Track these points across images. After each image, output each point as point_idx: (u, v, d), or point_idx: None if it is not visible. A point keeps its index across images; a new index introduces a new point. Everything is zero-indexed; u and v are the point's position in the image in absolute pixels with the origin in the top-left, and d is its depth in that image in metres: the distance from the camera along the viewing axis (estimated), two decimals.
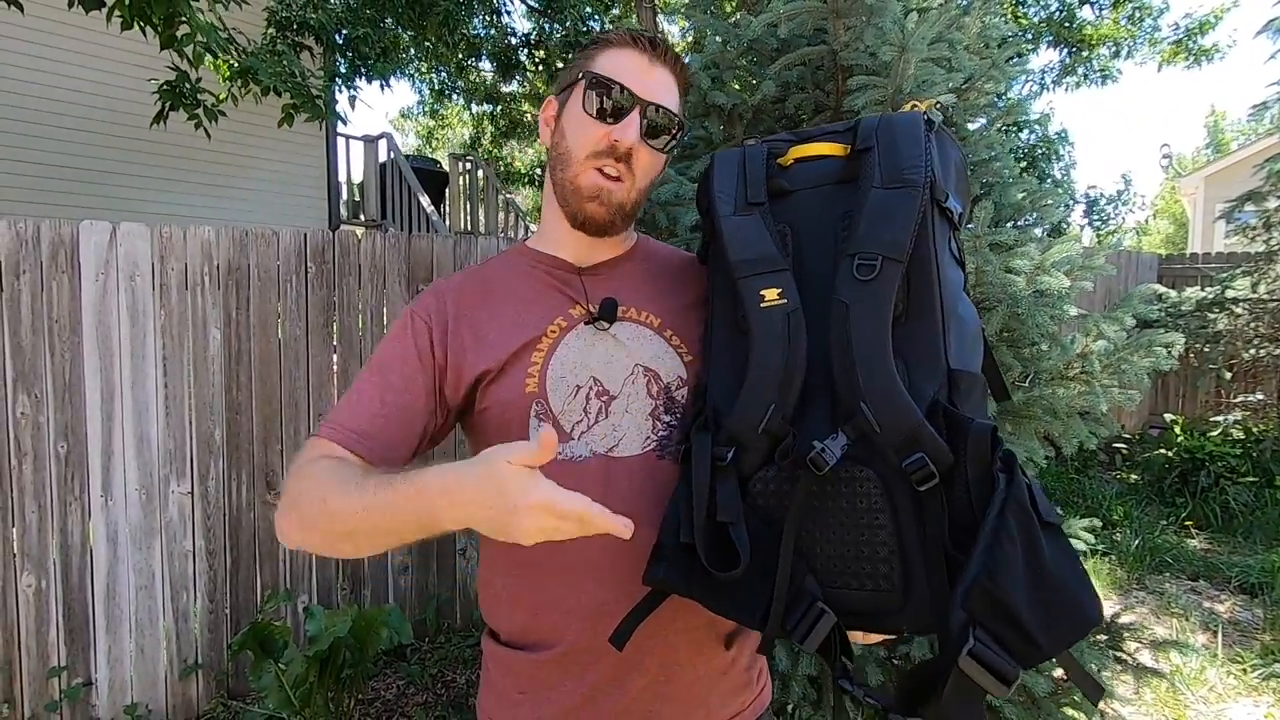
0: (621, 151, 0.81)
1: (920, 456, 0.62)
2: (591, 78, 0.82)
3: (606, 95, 0.81)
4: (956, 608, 0.57)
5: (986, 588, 0.56)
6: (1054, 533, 0.59)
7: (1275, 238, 4.94)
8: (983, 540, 0.58)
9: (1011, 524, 0.58)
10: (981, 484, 0.61)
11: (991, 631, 0.56)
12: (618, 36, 0.84)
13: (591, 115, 0.82)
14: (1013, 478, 0.60)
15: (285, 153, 6.69)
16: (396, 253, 2.78)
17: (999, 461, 0.61)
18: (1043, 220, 1.82)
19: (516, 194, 12.36)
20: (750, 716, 0.89)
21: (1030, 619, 0.55)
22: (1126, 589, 3.45)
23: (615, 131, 0.81)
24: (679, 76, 0.87)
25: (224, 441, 2.47)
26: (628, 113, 0.81)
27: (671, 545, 0.71)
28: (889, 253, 0.66)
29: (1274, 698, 2.55)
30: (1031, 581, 0.56)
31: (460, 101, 11.13)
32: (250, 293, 2.50)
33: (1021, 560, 0.57)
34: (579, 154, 0.83)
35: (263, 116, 5.23)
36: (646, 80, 0.82)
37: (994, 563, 0.57)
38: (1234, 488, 4.31)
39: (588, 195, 0.83)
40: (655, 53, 0.84)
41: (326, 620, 2.05)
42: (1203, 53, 8.48)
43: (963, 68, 1.71)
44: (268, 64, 4.01)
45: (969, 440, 0.62)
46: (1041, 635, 0.56)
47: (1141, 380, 1.65)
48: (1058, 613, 0.56)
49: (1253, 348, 4.94)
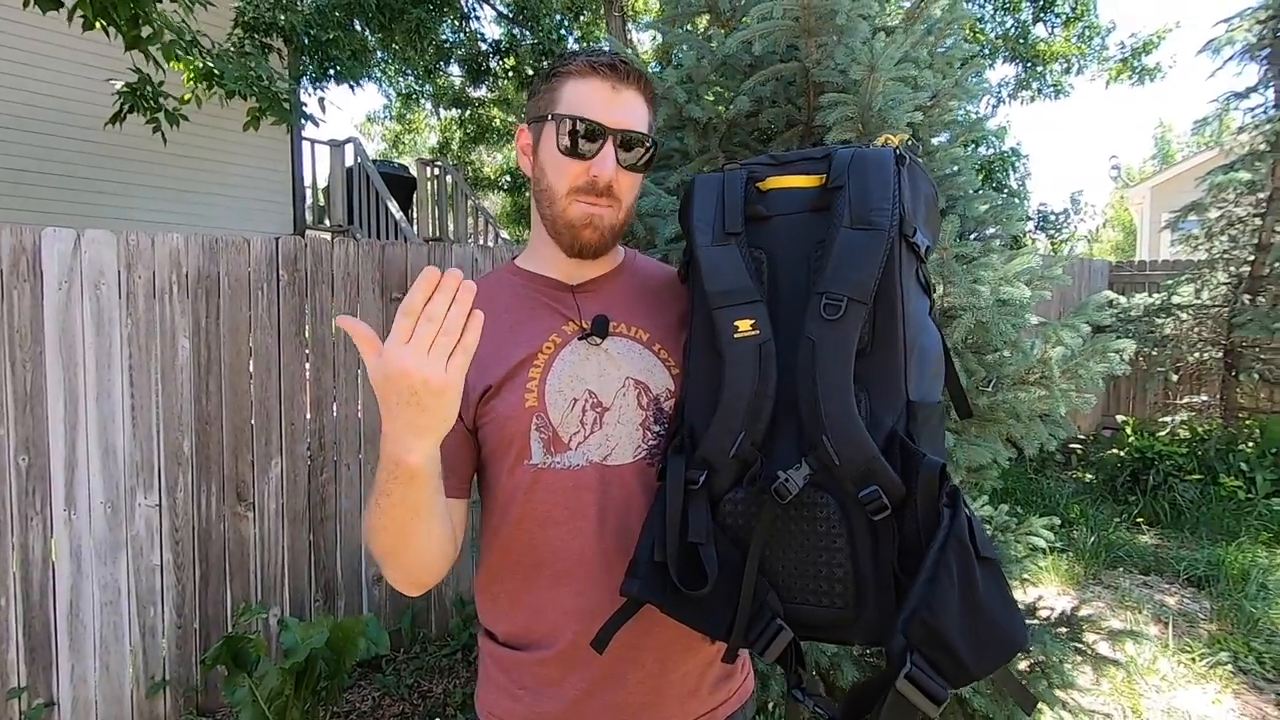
0: (602, 186, 0.83)
1: (875, 489, 0.68)
2: (560, 117, 0.83)
3: (578, 131, 0.82)
4: (897, 633, 0.64)
5: (924, 618, 0.63)
6: (989, 566, 0.66)
7: (1216, 246, 5.20)
8: (925, 572, 0.64)
9: (951, 559, 0.64)
10: (928, 516, 0.67)
11: (927, 657, 0.63)
12: (578, 66, 0.84)
13: (566, 155, 0.83)
14: (956, 513, 0.66)
15: (250, 157, 6.57)
16: (370, 260, 2.77)
17: (945, 496, 0.67)
18: (1004, 232, 1.90)
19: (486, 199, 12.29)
20: (736, 703, 0.94)
21: (962, 647, 0.62)
22: (1084, 584, 3.59)
23: (593, 167, 0.83)
24: (645, 91, 0.87)
25: (193, 452, 2.42)
26: (602, 146, 0.82)
27: (646, 560, 0.76)
28: (854, 294, 0.71)
29: (1220, 685, 2.69)
30: (965, 612, 0.63)
31: (428, 106, 11.04)
32: (220, 301, 2.46)
33: (957, 593, 0.63)
34: (561, 190, 0.85)
35: (228, 120, 5.14)
36: (613, 108, 0.83)
37: (932, 595, 0.63)
38: (1181, 485, 4.52)
39: (581, 225, 0.85)
40: (618, 76, 0.84)
41: (302, 632, 2.03)
42: (1146, 71, 8.88)
43: (928, 85, 1.78)
44: (234, 66, 3.95)
45: (920, 475, 0.67)
46: (971, 661, 0.63)
47: (1097, 384, 1.73)
48: (986, 641, 0.63)
49: (1196, 351, 5.18)
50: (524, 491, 0.84)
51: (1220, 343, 5.05)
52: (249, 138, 5.27)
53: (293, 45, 5.54)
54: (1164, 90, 28.71)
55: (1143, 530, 4.31)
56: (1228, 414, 5.10)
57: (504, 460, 0.86)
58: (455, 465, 0.88)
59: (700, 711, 0.89)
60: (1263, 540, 3.94)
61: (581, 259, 0.89)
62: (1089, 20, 8.62)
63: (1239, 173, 4.95)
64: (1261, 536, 3.98)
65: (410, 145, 15.62)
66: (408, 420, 0.62)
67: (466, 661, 2.82)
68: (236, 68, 3.93)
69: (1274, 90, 4.88)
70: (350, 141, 7.80)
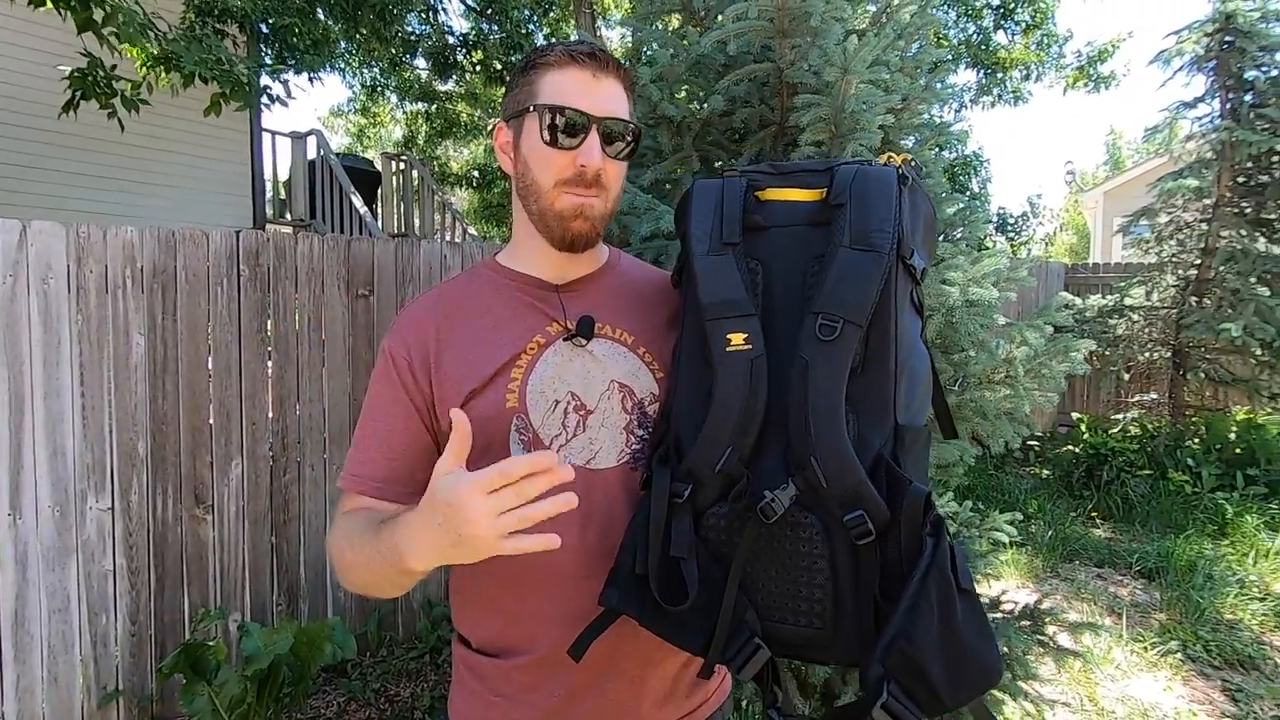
0: (591, 176, 0.82)
1: (860, 514, 0.68)
2: (542, 108, 0.81)
3: (561, 122, 0.81)
4: (876, 662, 0.64)
5: (903, 648, 0.63)
6: (968, 598, 0.66)
7: (1166, 250, 5.40)
8: (906, 601, 0.65)
9: (931, 590, 0.65)
10: (911, 543, 0.67)
11: (904, 686, 0.63)
12: (556, 56, 0.83)
13: (551, 145, 0.82)
14: (939, 542, 0.66)
15: (207, 148, 6.36)
16: (335, 256, 2.70)
17: (929, 525, 0.67)
18: (970, 234, 1.95)
19: (453, 195, 12.12)
20: (715, 704, 0.94)
21: (938, 678, 0.63)
22: (1042, 577, 3.69)
23: (580, 156, 0.81)
24: (624, 80, 0.86)
25: (148, 454, 2.33)
26: (586, 135, 0.81)
27: (627, 571, 0.76)
28: (850, 316, 0.70)
29: (1171, 672, 2.79)
30: (943, 643, 0.64)
31: (393, 99, 10.84)
32: (178, 296, 2.38)
33: (936, 624, 0.64)
34: (548, 183, 0.83)
35: (183, 109, 4.97)
36: (595, 96, 0.82)
37: (912, 625, 0.64)
38: (1133, 480, 4.68)
39: (570, 215, 0.83)
40: (597, 64, 0.82)
41: (265, 638, 1.98)
42: (1101, 79, 9.18)
43: (898, 89, 1.80)
44: (192, 50, 3.81)
45: (905, 501, 0.67)
46: (946, 692, 0.63)
47: (1059, 383, 1.78)
48: (962, 672, 0.64)
49: (1147, 351, 5.37)
50: None
51: (1169, 343, 5.24)
52: (206, 128, 5.10)
53: (249, 33, 5.37)
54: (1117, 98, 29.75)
55: (1097, 524, 4.46)
56: (1176, 412, 5.30)
57: (481, 462, 0.84)
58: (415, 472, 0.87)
59: (678, 715, 0.89)
60: (1208, 533, 4.11)
61: (572, 252, 0.87)
62: (1047, 29, 8.88)
63: (1187, 180, 5.15)
64: (1207, 529, 4.15)
65: (375, 139, 15.33)
66: (434, 541, 0.65)
67: (435, 664, 2.77)
68: (195, 51, 3.79)
69: (1219, 101, 5.08)
70: (313, 134, 7.62)
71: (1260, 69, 4.85)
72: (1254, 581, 3.48)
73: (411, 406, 0.86)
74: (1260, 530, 3.96)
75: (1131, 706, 2.57)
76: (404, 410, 0.86)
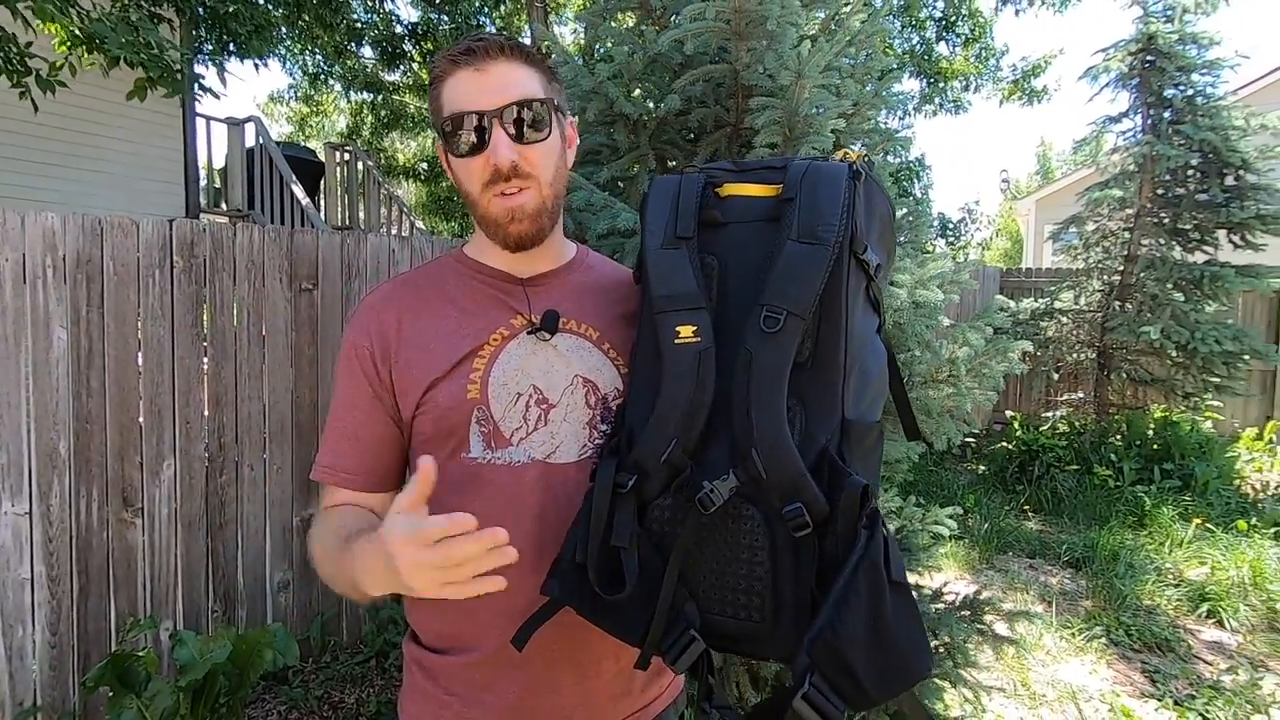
0: (506, 172, 0.81)
1: (798, 506, 0.67)
2: (442, 122, 0.82)
3: (460, 131, 0.80)
4: (801, 653, 0.64)
5: (829, 639, 0.63)
6: (899, 591, 0.67)
7: (1092, 257, 5.70)
8: (835, 593, 0.65)
9: (861, 583, 0.64)
10: (847, 536, 0.67)
11: (829, 679, 0.63)
12: (442, 66, 0.82)
13: (462, 156, 0.82)
14: (873, 535, 0.67)
15: (137, 132, 6.03)
16: (278, 248, 2.60)
17: (865, 518, 0.67)
18: (917, 238, 2.01)
19: (400, 188, 11.82)
20: (669, 698, 0.95)
21: (864, 671, 0.63)
22: (979, 569, 3.85)
23: (491, 157, 0.80)
24: (518, 56, 0.82)
25: (71, 454, 2.20)
26: (488, 134, 0.79)
27: (569, 561, 0.75)
28: (793, 308, 0.70)
29: (1096, 656, 2.96)
30: (870, 636, 0.64)
31: (338, 88, 10.50)
32: (105, 288, 2.24)
33: (865, 617, 0.64)
34: (475, 191, 0.83)
35: (109, 90, 4.70)
36: (484, 91, 0.79)
37: (839, 617, 0.64)
38: (1061, 475, 4.93)
39: (504, 221, 0.83)
40: (478, 56, 0.80)
41: (201, 646, 1.89)
42: (1035, 93, 9.62)
43: (850, 94, 1.85)
44: (119, 32, 3.60)
45: (843, 493, 0.67)
46: (872, 686, 0.63)
47: (998, 382, 1.86)
48: (889, 667, 0.64)
49: (1074, 352, 5.66)
50: (460, 485, 0.82)
51: (1095, 345, 5.54)
52: (136, 111, 4.84)
53: (185, 16, 5.12)
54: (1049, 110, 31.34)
55: (1029, 517, 4.67)
56: (1100, 410, 5.60)
57: (440, 451, 0.83)
58: (383, 462, 0.88)
59: (632, 709, 0.89)
60: (1129, 524, 4.36)
61: (521, 250, 0.86)
62: (985, 42, 9.25)
63: (1112, 190, 5.44)
64: (1128, 521, 4.40)
65: (318, 128, 14.81)
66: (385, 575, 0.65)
67: (381, 669, 2.70)
68: (122, 32, 3.58)
69: (1141, 116, 5.39)
70: (251, 120, 7.31)
71: (1178, 88, 5.16)
72: (1169, 569, 3.71)
73: (375, 397, 0.86)
74: (1175, 521, 4.23)
75: (1061, 690, 2.70)
76: (367, 401, 0.86)
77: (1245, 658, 2.93)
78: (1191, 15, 5.16)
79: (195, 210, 6.77)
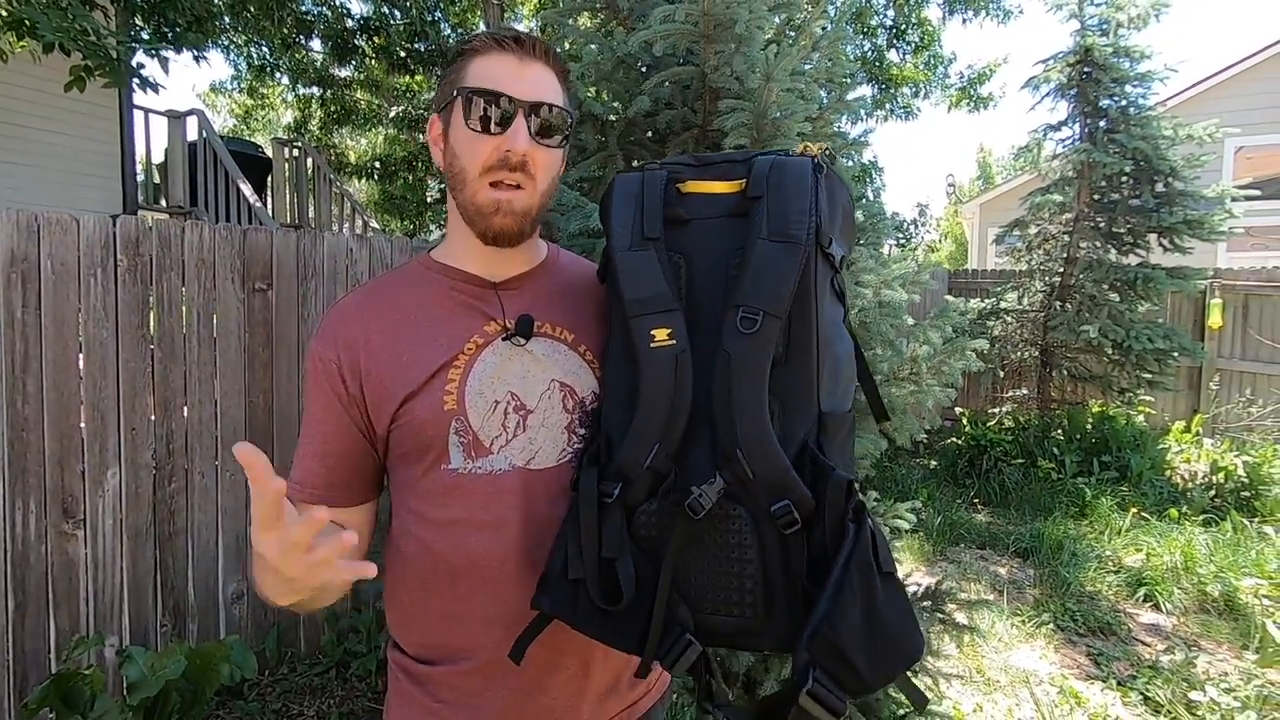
0: (515, 161, 0.79)
1: (786, 503, 0.68)
2: (467, 92, 0.79)
3: (486, 106, 0.79)
4: (801, 649, 0.65)
5: (827, 634, 0.65)
6: (889, 580, 0.68)
7: (1035, 259, 5.94)
8: (829, 588, 0.66)
9: (854, 576, 0.66)
10: (835, 530, 0.69)
11: (829, 672, 0.65)
12: (483, 42, 0.81)
13: (477, 130, 0.79)
14: (861, 529, 0.68)
15: (69, 124, 5.73)
16: (230, 247, 2.50)
17: (851, 512, 0.69)
18: (877, 239, 2.06)
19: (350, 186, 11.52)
20: (655, 696, 0.95)
21: (862, 662, 0.65)
22: (933, 560, 3.97)
23: (506, 141, 0.79)
24: (554, 66, 0.84)
25: (5, 464, 2.07)
26: (512, 119, 0.79)
27: (558, 574, 0.75)
28: (769, 307, 0.71)
29: (1045, 641, 3.08)
30: (865, 627, 0.65)
31: (285, 81, 10.17)
32: (41, 288, 2.12)
33: (859, 609, 0.66)
34: (473, 172, 0.81)
35: (39, 78, 4.45)
36: (523, 80, 0.80)
37: (835, 611, 0.65)
38: (1008, 469, 5.12)
39: (490, 211, 0.81)
40: (524, 49, 0.81)
41: (153, 662, 1.80)
42: (980, 100, 9.97)
43: (815, 99, 1.89)
44: (51, 17, 3.41)
45: (829, 488, 0.69)
46: (869, 674, 0.65)
47: (956, 379, 1.92)
48: (885, 654, 0.66)
49: (1019, 350, 5.89)
50: (441, 496, 0.81)
51: (1038, 343, 5.77)
52: (67, 102, 4.60)
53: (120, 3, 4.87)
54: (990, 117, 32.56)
55: (978, 510, 4.84)
56: (1043, 405, 5.84)
57: (419, 464, 0.82)
58: (357, 475, 0.86)
59: (620, 708, 0.89)
60: (1071, 515, 4.56)
61: (498, 246, 0.85)
62: (934, 50, 9.54)
63: (1053, 195, 5.69)
64: (1071, 511, 4.60)
65: (264, 122, 14.31)
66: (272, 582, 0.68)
67: (341, 679, 2.63)
68: (54, 17, 3.40)
69: (1080, 125, 5.64)
70: (193, 113, 7.02)
71: (1113, 98, 5.42)
72: (1109, 557, 3.90)
73: (343, 411, 0.83)
74: (1113, 511, 4.44)
75: (1013, 675, 2.81)
76: (336, 415, 0.84)
77: (1180, 638, 3.09)
78: (1125, 30, 5.43)
79: (133, 206, 6.47)
